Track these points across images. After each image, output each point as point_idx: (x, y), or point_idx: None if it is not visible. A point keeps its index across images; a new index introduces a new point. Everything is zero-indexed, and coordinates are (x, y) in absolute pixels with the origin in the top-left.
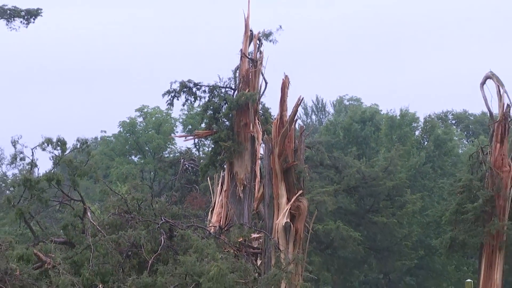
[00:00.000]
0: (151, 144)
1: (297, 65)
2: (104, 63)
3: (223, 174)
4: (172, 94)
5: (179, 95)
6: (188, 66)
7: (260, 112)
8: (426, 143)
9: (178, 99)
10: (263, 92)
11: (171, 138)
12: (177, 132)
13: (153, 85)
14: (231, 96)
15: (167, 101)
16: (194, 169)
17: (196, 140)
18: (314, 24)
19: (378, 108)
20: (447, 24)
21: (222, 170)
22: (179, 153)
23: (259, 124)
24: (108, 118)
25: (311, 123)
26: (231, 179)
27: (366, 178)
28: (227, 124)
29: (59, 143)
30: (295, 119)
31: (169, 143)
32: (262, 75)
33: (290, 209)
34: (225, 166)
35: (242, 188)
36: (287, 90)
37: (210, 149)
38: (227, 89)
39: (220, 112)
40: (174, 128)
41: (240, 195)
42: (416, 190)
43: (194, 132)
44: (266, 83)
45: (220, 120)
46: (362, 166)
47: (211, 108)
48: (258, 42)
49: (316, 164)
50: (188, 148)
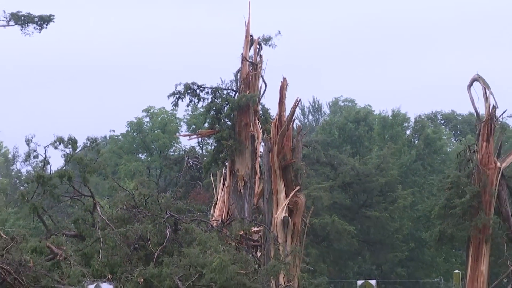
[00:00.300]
0: (157, 143)
1: (295, 68)
2: (113, 67)
3: (225, 171)
4: (177, 96)
5: (184, 97)
6: (192, 69)
7: (260, 113)
8: (417, 142)
9: (183, 100)
10: (263, 94)
11: (176, 137)
12: (182, 132)
13: (159, 87)
14: (233, 98)
15: (172, 102)
16: (198, 166)
17: (200, 139)
18: (312, 29)
19: (371, 109)
20: (436, 31)
21: (224, 167)
22: (184, 151)
23: (259, 124)
24: (117, 118)
25: (308, 123)
26: (233, 176)
27: (360, 175)
28: (229, 124)
29: (70, 142)
30: (293, 119)
31: (174, 142)
32: (262, 78)
33: (288, 204)
34: (227, 164)
35: (243, 184)
36: (285, 92)
37: (213, 148)
38: (229, 91)
39: (222, 113)
40: (179, 128)
41: (241, 191)
42: (407, 186)
43: (198, 132)
44: (266, 85)
45: (222, 120)
46: (356, 164)
47: (214, 109)
48: (258, 47)
49: (313, 162)
50: (192, 147)
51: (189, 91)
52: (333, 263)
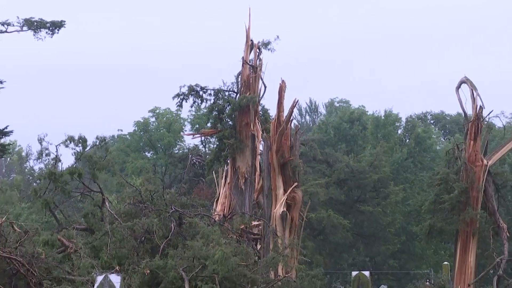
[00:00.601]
0: (163, 142)
1: (293, 70)
2: (121, 70)
3: (227, 168)
4: (181, 97)
5: (188, 98)
6: (195, 72)
7: (260, 113)
8: (408, 141)
9: (187, 101)
10: (263, 95)
11: (181, 136)
12: (186, 131)
13: (165, 89)
14: (234, 99)
15: (177, 103)
16: (201, 164)
17: (203, 138)
18: (308, 34)
19: (365, 109)
20: (426, 34)
21: (226, 165)
22: (188, 150)
23: (259, 124)
24: (124, 118)
25: (305, 123)
26: (234, 173)
27: (354, 172)
28: (230, 124)
29: (81, 141)
30: (291, 119)
31: (179, 141)
32: (262, 80)
33: (287, 200)
34: (229, 161)
35: (244, 181)
36: (284, 93)
37: (215, 146)
38: (230, 93)
39: (224, 113)
40: (183, 127)
41: (242, 187)
42: (399, 182)
43: (201, 131)
44: (265, 87)
45: (224, 120)
46: (351, 161)
47: (216, 110)
48: (258, 51)
49: (310, 159)
50: (196, 145)
51: (193, 93)
52: (329, 255)
